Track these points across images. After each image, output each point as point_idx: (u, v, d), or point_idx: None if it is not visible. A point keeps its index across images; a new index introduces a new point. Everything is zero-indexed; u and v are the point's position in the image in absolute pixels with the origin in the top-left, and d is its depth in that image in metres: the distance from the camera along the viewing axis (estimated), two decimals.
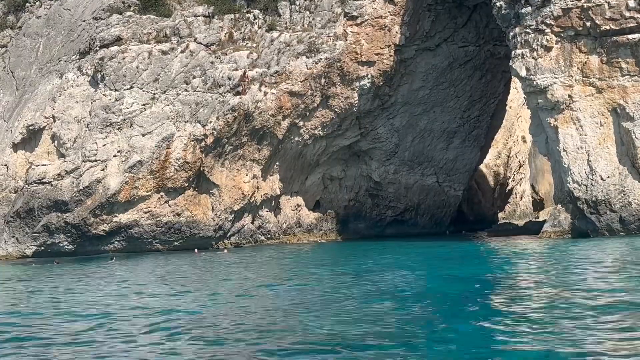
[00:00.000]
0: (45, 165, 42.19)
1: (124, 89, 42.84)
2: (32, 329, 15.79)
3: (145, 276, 28.45)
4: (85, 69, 43.92)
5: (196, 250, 39.61)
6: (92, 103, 42.91)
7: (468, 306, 16.67)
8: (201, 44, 44.42)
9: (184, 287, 22.85)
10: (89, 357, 12.87)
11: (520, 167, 63.16)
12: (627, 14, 35.01)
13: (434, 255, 32.98)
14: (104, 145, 41.81)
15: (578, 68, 35.95)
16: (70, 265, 35.35)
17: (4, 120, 45.42)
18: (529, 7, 36.43)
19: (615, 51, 35.34)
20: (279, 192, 45.74)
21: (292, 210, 47.13)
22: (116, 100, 42.60)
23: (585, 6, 35.44)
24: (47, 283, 26.71)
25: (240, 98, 42.64)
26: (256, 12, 46.04)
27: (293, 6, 46.35)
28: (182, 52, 44.04)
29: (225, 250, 41.68)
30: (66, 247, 41.52)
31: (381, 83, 44.70)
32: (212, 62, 43.77)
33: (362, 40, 43.88)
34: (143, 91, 42.91)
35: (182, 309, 17.61)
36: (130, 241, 42.12)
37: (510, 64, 37.54)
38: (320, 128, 44.81)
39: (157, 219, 42.10)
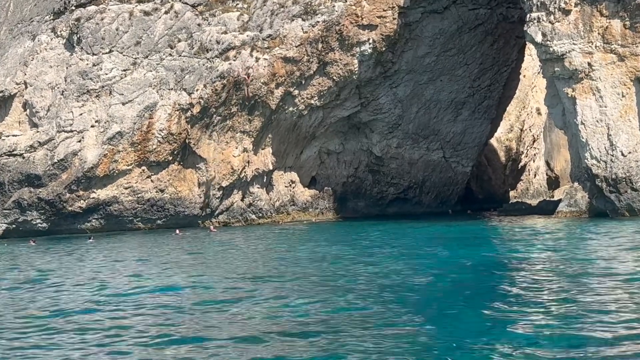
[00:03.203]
0: (16, 135, 42.11)
1: (103, 53, 42.65)
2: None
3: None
4: (60, 31, 43.70)
5: (177, 231, 39.40)
6: (67, 68, 42.73)
7: (475, 295, 16.65)
8: (187, 4, 44.17)
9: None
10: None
11: (534, 141, 63.08)
12: None
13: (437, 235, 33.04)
14: (81, 114, 41.68)
15: (599, 33, 35.77)
16: (59, 245, 35.35)
17: None
18: None
19: None
20: (271, 167, 45.65)
21: (286, 186, 47.08)
22: (94, 65, 42.42)
23: None
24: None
25: (230, 64, 42.51)
26: None
27: None
28: (166, 12, 43.80)
29: (212, 227, 41.68)
30: (39, 225, 41.50)
31: (384, 49, 44.45)
32: (199, 24, 43.58)
33: (363, 2, 43.59)
34: (123, 56, 42.74)
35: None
36: (109, 219, 42.13)
37: (525, 28, 37.34)
38: (316, 97, 44.63)
39: (139, 195, 42.09)
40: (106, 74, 42.26)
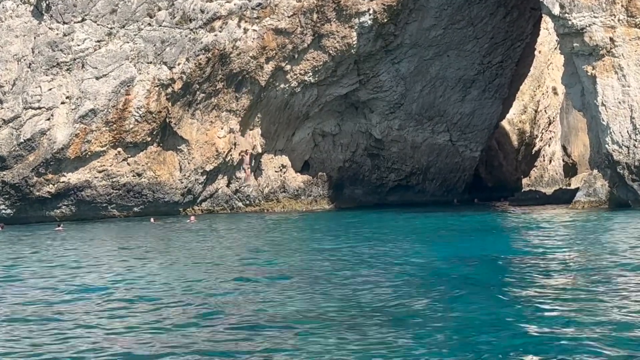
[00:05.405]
0: None
1: (75, 22, 42.44)
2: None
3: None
4: None
5: (152, 219, 39.28)
6: (35, 38, 42.51)
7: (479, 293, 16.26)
8: None
9: None
10: None
11: (549, 124, 63.32)
12: None
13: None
14: (50, 89, 41.51)
15: (622, 6, 35.58)
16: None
17: None
18: None
19: None
20: (260, 150, 45.59)
21: (276, 171, 47.06)
22: (65, 35, 42.21)
23: None
24: None
25: (216, 36, 42.49)
26: None
27: None
28: None
29: (192, 217, 41.41)
30: (3, 211, 41.49)
31: (385, 20, 44.23)
32: None
33: None
34: (97, 25, 42.59)
35: None
36: (80, 206, 41.99)
37: None
38: (311, 73, 44.55)
39: (114, 179, 42.04)
40: (78, 45, 42.09)
